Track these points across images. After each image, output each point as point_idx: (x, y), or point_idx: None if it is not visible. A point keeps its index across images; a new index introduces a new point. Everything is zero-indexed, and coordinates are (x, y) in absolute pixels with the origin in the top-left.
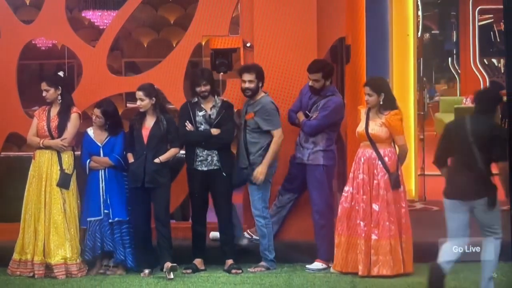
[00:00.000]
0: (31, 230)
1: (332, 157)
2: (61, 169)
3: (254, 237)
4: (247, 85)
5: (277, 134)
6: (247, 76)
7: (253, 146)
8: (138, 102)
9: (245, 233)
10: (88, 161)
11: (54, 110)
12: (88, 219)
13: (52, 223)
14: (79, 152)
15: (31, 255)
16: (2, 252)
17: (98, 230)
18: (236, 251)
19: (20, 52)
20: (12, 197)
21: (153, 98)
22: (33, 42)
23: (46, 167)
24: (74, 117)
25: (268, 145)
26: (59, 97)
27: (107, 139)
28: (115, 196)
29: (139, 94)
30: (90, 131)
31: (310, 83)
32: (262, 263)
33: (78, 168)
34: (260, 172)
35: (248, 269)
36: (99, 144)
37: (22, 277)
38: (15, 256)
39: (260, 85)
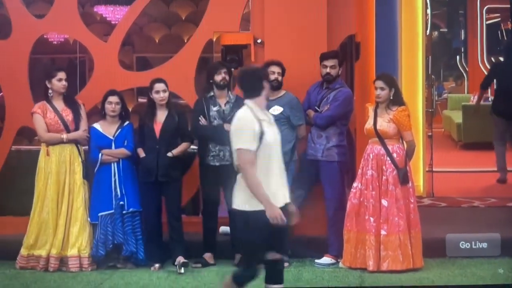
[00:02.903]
0: (50, 227)
1: (345, 152)
2: (83, 161)
3: None
4: (276, 75)
5: (304, 127)
6: (276, 68)
7: (286, 141)
8: (161, 94)
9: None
10: (100, 154)
11: (59, 104)
12: (100, 214)
13: (73, 215)
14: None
15: (48, 251)
16: (12, 246)
17: (109, 224)
18: None
19: (32, 47)
20: (22, 190)
21: (168, 91)
22: (45, 36)
23: (69, 161)
24: (83, 108)
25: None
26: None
27: (118, 131)
28: (130, 187)
29: (163, 86)
30: (97, 125)
31: (328, 70)
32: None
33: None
34: None
35: None
36: (111, 137)
37: (32, 270)
38: (23, 251)
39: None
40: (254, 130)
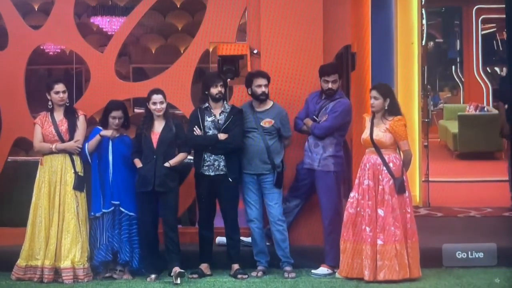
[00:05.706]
0: (42, 235)
1: (341, 162)
2: (75, 172)
3: (245, 240)
4: (263, 89)
5: (291, 138)
6: (263, 81)
7: (277, 153)
8: (158, 106)
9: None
10: (86, 144)
11: (58, 114)
12: (103, 210)
13: (65, 227)
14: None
15: (42, 261)
16: (9, 257)
17: (109, 229)
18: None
19: (29, 57)
20: (18, 201)
21: (166, 102)
22: (42, 47)
23: (60, 171)
24: (83, 119)
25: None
26: (67, 100)
27: (118, 136)
28: (125, 190)
29: (160, 97)
30: (100, 127)
31: (329, 85)
32: (288, 267)
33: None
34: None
35: (285, 275)
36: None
37: (28, 282)
38: (21, 262)
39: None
40: None
